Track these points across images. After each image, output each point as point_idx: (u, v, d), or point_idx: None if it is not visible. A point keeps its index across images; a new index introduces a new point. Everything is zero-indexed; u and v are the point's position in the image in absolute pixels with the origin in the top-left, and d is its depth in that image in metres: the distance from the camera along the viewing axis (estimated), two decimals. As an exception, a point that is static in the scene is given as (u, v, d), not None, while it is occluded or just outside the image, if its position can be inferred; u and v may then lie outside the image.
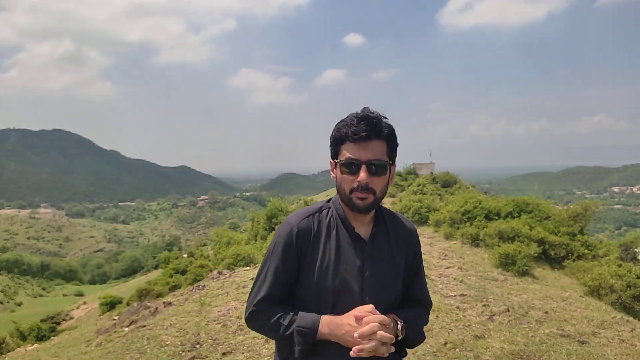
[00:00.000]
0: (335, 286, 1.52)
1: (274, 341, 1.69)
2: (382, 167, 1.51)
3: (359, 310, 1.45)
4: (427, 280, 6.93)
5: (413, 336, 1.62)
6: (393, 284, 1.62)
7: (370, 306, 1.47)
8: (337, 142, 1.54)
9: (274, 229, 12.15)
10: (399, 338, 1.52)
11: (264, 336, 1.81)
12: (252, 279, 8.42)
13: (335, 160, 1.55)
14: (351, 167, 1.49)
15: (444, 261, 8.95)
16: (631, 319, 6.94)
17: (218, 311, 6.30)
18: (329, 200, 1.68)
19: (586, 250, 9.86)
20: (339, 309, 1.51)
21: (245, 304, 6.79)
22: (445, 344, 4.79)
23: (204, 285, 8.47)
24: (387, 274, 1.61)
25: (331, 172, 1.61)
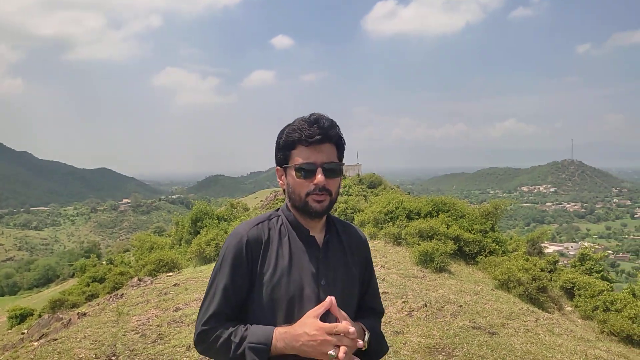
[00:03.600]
0: (289, 295, 1.46)
1: (195, 350, 1.63)
2: (336, 169, 1.52)
3: (316, 309, 1.39)
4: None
5: (377, 348, 1.58)
6: (349, 293, 1.59)
7: (329, 299, 1.40)
8: (287, 147, 1.51)
9: (199, 232, 11.85)
10: (363, 349, 1.45)
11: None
12: (175, 285, 8.17)
13: (287, 166, 1.51)
14: (307, 171, 1.48)
15: (368, 260, 9.21)
16: (536, 309, 7.56)
17: (137, 320, 6.04)
18: (277, 210, 1.63)
19: (497, 246, 10.58)
20: (295, 319, 1.42)
21: (167, 312, 6.53)
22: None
23: (122, 294, 8.08)
24: (343, 281, 1.57)
25: (279, 180, 1.58)
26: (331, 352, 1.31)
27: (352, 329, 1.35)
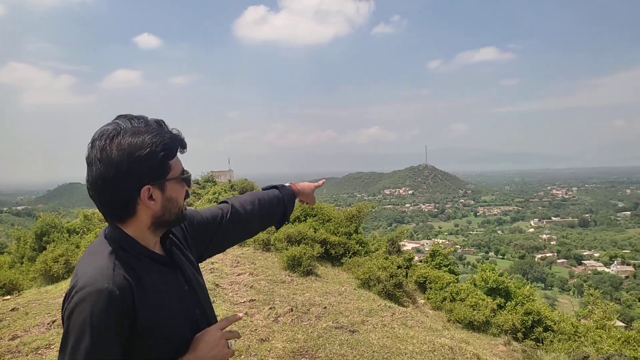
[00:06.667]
0: (182, 325, 1.34)
1: None
2: None
3: (221, 324, 1.40)
4: (218, 289, 6.84)
5: (284, 210, 1.83)
6: (210, 302, 1.55)
7: (237, 316, 1.46)
8: (168, 157, 1.31)
9: (45, 248, 10.57)
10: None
11: None
12: (13, 309, 7.17)
13: (170, 178, 1.32)
14: (188, 178, 1.39)
15: (237, 268, 9.07)
16: (393, 304, 8.13)
17: (-40, 356, 5.16)
18: (107, 238, 1.32)
19: (360, 247, 11.20)
20: (191, 346, 1.33)
21: (2, 341, 5.69)
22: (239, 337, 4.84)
23: (-57, 326, 6.85)
24: (202, 286, 1.52)
25: (151, 200, 1.30)
26: (230, 341, 1.42)
27: (240, 314, 1.51)
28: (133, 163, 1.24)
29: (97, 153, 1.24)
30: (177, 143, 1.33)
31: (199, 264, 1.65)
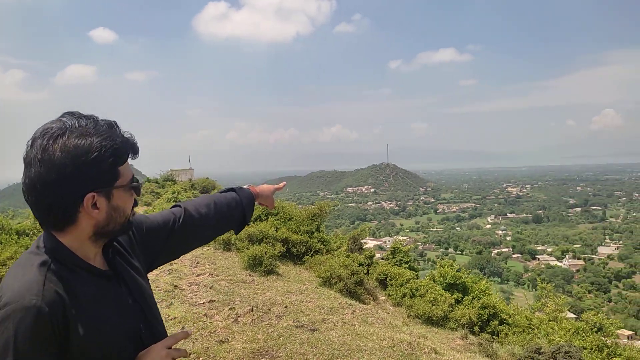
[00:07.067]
0: (123, 342, 1.23)
1: None
2: None
3: (167, 342, 1.29)
4: (177, 290, 6.68)
5: (242, 213, 1.77)
6: (159, 314, 1.43)
7: (185, 332, 1.36)
8: (117, 163, 1.19)
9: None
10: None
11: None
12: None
13: (118, 186, 1.21)
14: (139, 188, 1.27)
15: (196, 269, 8.91)
16: (354, 302, 8.20)
17: None
18: (38, 249, 1.20)
19: (322, 246, 11.22)
20: None
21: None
22: (189, 355, 4.74)
23: None
24: (149, 295, 1.40)
25: (95, 209, 1.18)
26: None
27: (188, 331, 1.39)
28: (78, 167, 1.12)
29: (38, 153, 1.12)
30: (128, 148, 1.23)
31: (152, 271, 1.56)
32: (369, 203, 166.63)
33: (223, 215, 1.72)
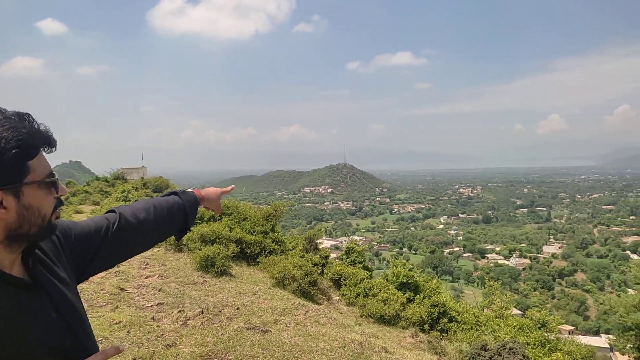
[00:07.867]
0: (44, 358, 1.12)
1: None
2: None
3: (95, 358, 1.16)
4: (123, 293, 6.42)
5: (185, 218, 1.70)
6: (89, 328, 1.32)
7: (117, 348, 1.21)
8: (24, 157, 1.08)
9: None
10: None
11: None
12: None
13: (27, 183, 1.09)
14: (54, 183, 1.15)
15: (145, 270, 8.63)
16: (307, 302, 8.17)
17: None
18: None
19: (276, 246, 11.15)
20: None
21: None
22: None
23: None
24: (77, 307, 1.29)
25: (1, 208, 1.07)
26: None
27: (121, 347, 1.23)
28: None
29: None
30: (38, 140, 1.11)
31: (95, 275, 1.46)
32: (325, 203, 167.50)
33: (163, 220, 1.62)
